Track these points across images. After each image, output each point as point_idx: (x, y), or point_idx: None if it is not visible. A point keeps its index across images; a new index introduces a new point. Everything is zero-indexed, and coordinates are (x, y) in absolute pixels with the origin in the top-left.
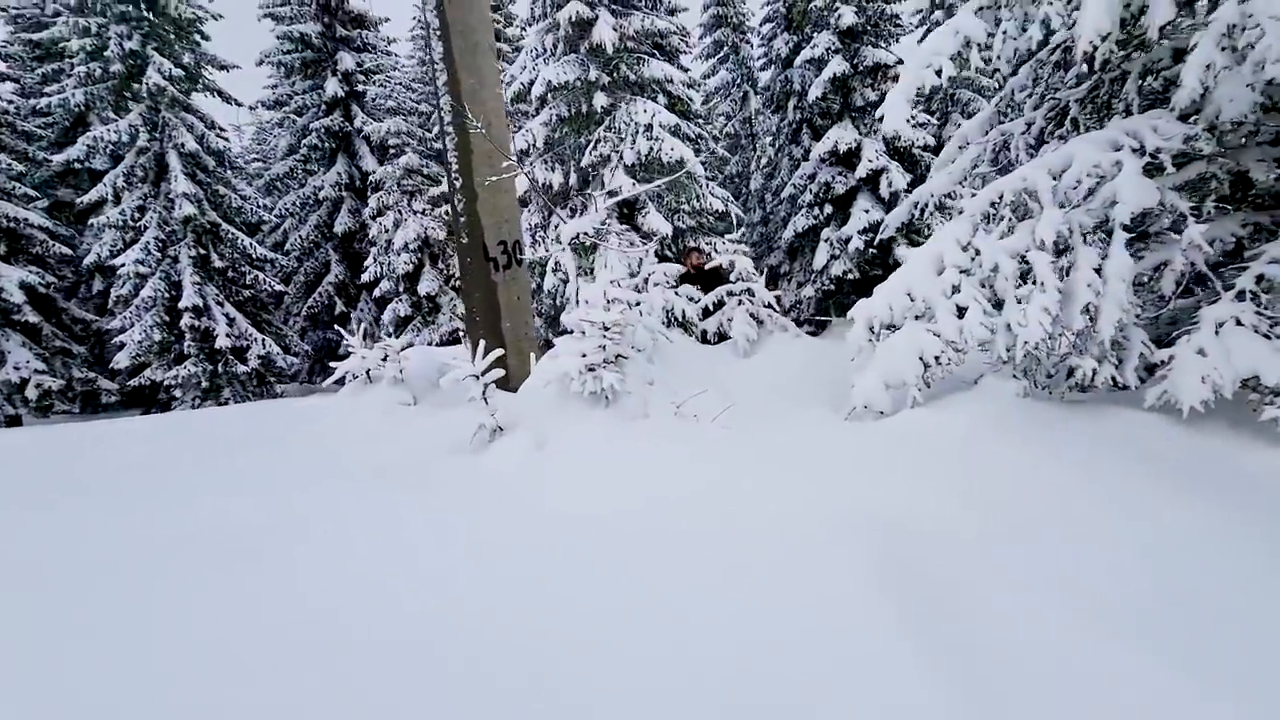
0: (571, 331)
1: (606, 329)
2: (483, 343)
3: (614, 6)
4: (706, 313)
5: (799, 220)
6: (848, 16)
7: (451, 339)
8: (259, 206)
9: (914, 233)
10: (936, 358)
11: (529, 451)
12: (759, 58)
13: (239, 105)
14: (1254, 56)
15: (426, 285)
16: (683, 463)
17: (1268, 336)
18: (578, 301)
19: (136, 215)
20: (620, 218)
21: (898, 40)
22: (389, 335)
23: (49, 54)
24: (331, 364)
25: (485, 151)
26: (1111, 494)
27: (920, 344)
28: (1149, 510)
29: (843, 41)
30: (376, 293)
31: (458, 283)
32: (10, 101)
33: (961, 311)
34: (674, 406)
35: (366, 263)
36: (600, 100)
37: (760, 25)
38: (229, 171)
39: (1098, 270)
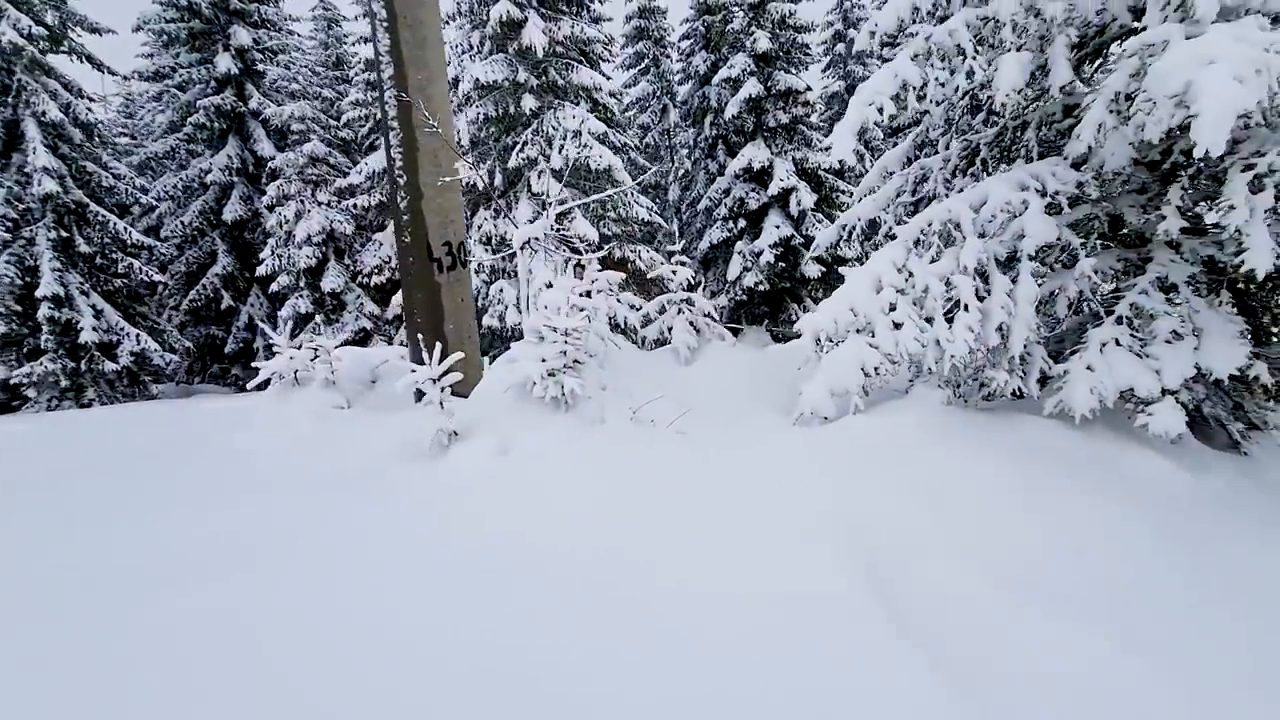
0: (526, 336)
1: (567, 334)
2: (438, 346)
3: (543, 10)
4: (646, 321)
5: (714, 232)
6: (763, 42)
7: (358, 339)
8: (135, 187)
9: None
10: (876, 368)
11: (492, 457)
12: (678, 72)
13: (112, 74)
14: (1135, 120)
15: (331, 281)
16: (648, 467)
17: (1140, 355)
18: (523, 308)
19: None
20: None
21: (806, 68)
22: (291, 335)
23: None
24: (216, 365)
25: (431, 150)
26: (1029, 489)
27: (862, 356)
28: (1058, 502)
29: (758, 65)
30: (273, 287)
31: (364, 279)
32: None
33: (897, 326)
34: (629, 411)
35: (262, 255)
36: (529, 103)
37: (680, 41)
38: (100, 147)
39: (1010, 294)
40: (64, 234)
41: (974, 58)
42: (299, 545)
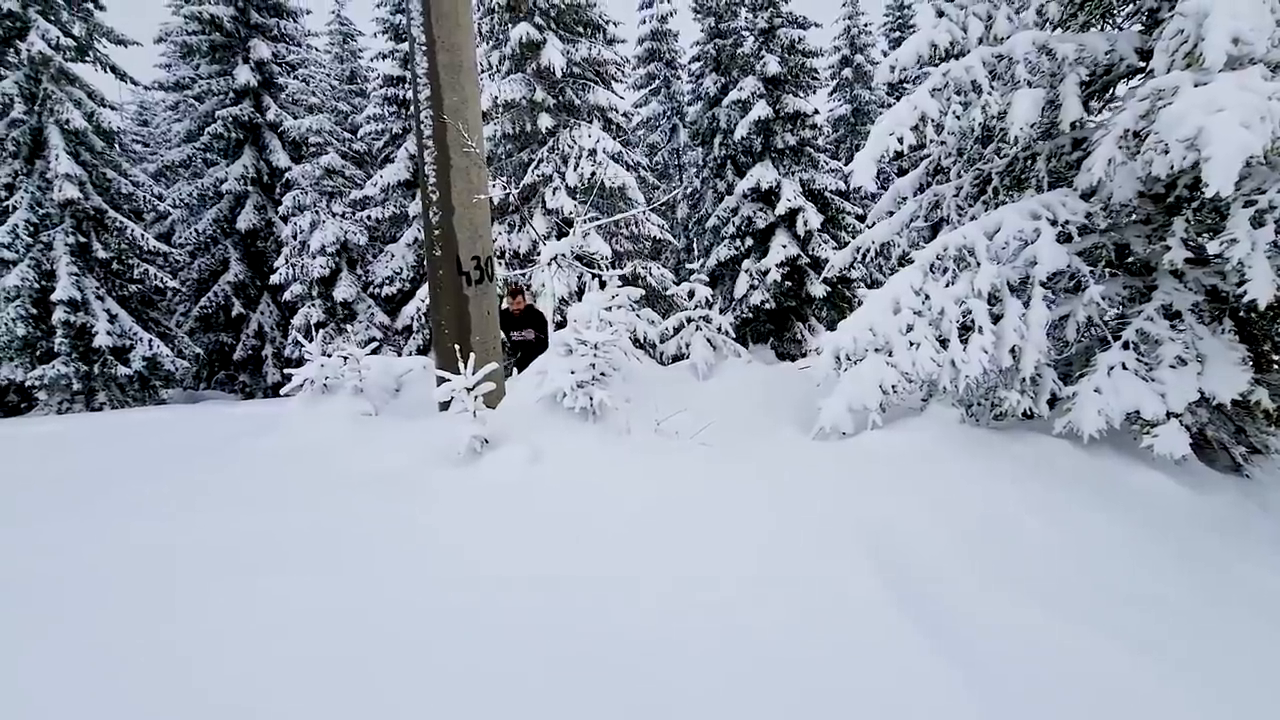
0: (554, 348)
1: (596, 347)
2: (472, 357)
3: (562, 32)
4: (665, 337)
5: (721, 250)
6: (772, 65)
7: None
8: (152, 194)
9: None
10: (894, 386)
11: (526, 464)
12: (688, 93)
13: (134, 84)
14: (1144, 157)
15: (343, 291)
16: (676, 477)
17: (1146, 379)
18: (549, 321)
19: (3, 194)
20: (560, 237)
21: (814, 91)
22: (300, 343)
23: None
24: (222, 371)
25: (463, 168)
26: (1041, 504)
27: (881, 374)
28: (1071, 516)
29: (767, 87)
30: (286, 296)
31: (374, 289)
32: None
33: (914, 346)
34: (654, 423)
35: (276, 263)
36: (545, 121)
37: (690, 63)
38: (120, 154)
39: (1022, 318)
40: (82, 239)
41: (989, 93)
42: (348, 543)
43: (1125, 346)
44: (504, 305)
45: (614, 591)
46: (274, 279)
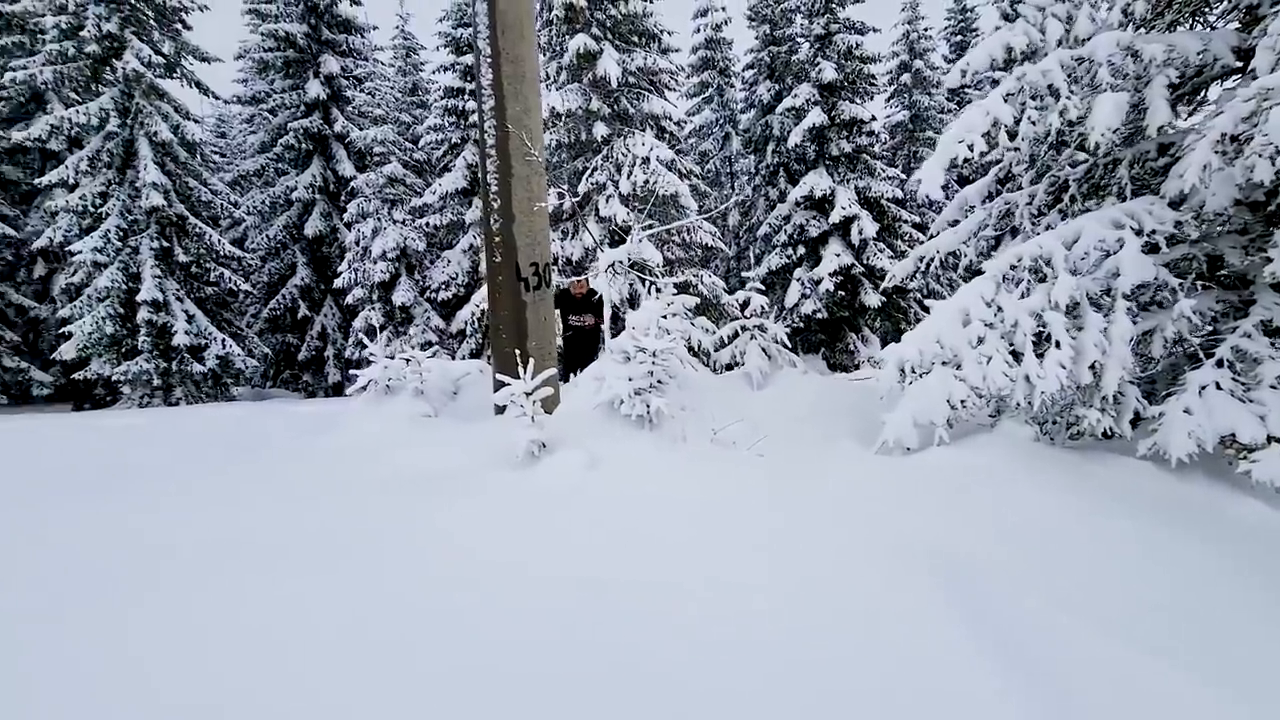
0: (612, 354)
1: (655, 355)
2: (531, 362)
3: (618, 42)
4: (719, 345)
5: (772, 258)
6: (828, 72)
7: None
8: (229, 202)
9: (871, 276)
10: (962, 401)
11: (583, 469)
12: (741, 101)
13: (215, 98)
14: (1245, 162)
15: (401, 295)
16: (734, 487)
17: (1242, 400)
18: (606, 327)
19: (98, 201)
20: (613, 245)
21: (871, 98)
22: (361, 344)
23: (10, 26)
24: (287, 370)
25: (525, 176)
26: (1121, 533)
27: (949, 388)
28: (1156, 548)
29: (822, 94)
30: (348, 300)
31: (431, 294)
32: None
33: (986, 360)
34: (710, 432)
35: (340, 268)
36: (600, 130)
37: (744, 70)
38: (202, 164)
39: (1104, 333)
40: (165, 244)
41: (1068, 97)
42: (406, 542)
43: (1219, 364)
44: (564, 284)
45: (662, 598)
46: (337, 283)
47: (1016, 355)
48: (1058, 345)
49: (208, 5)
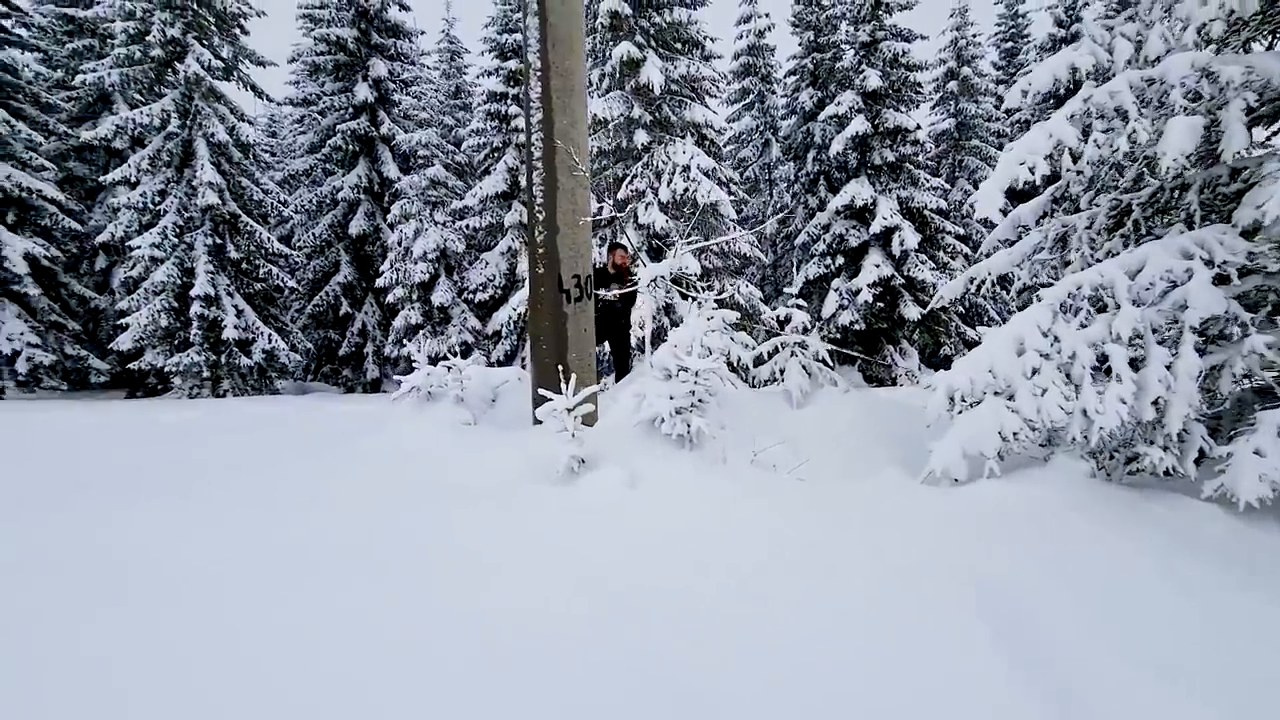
0: (654, 371)
1: (697, 374)
2: (574, 377)
3: (661, 50)
4: (758, 361)
5: (810, 268)
6: (873, 79)
7: (459, 352)
8: (279, 201)
9: (913, 288)
10: (1015, 434)
11: (622, 488)
12: (782, 108)
13: (269, 100)
14: None
15: (440, 296)
16: (774, 513)
17: None
18: (646, 343)
19: (157, 199)
20: (650, 254)
21: (917, 106)
22: (400, 342)
23: (81, 30)
24: (328, 365)
25: (570, 189)
26: (1183, 580)
27: (1001, 419)
28: (1221, 599)
29: (866, 102)
30: (389, 299)
31: (469, 295)
32: (38, 73)
33: (1041, 392)
34: (750, 453)
35: (382, 267)
36: (641, 137)
37: (786, 77)
38: (254, 164)
39: (1169, 367)
40: (218, 241)
41: (1137, 120)
42: (466, 550)
43: None
44: (598, 262)
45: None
46: (379, 281)
47: (1076, 388)
48: (1119, 379)
49: (265, 11)
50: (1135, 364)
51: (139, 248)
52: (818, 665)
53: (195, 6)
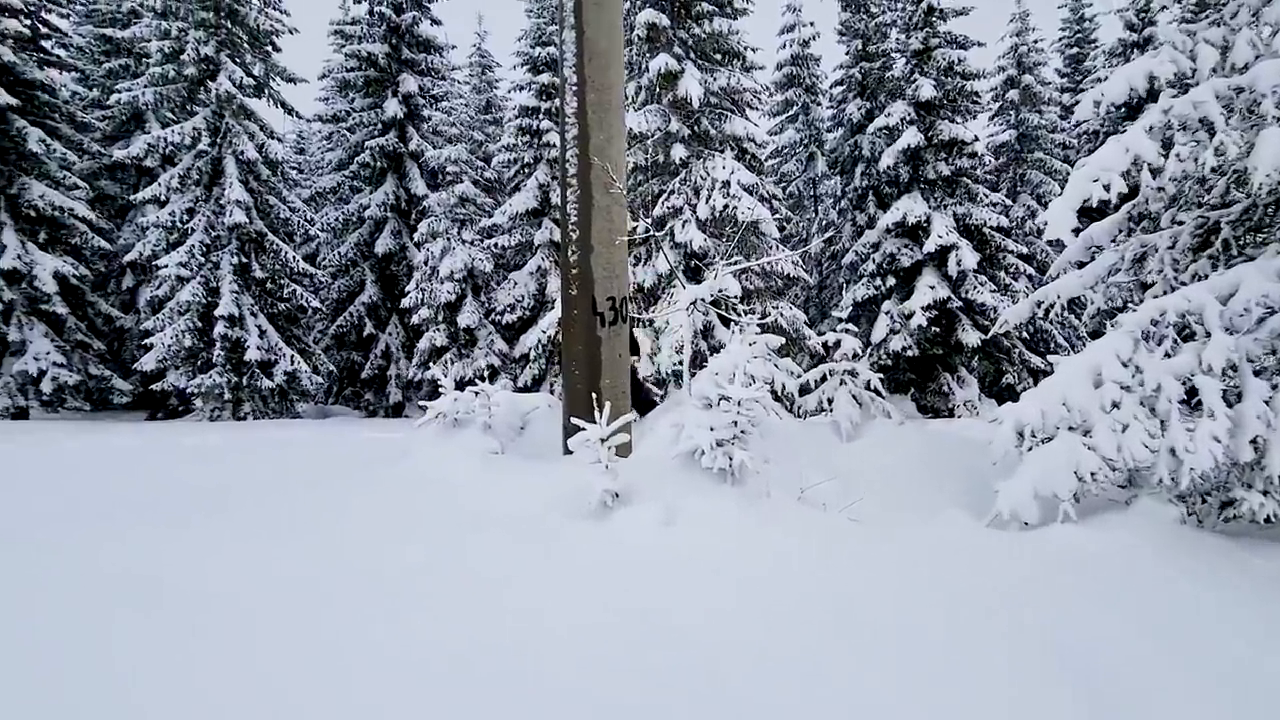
0: (694, 400)
1: (740, 404)
2: (607, 406)
3: (700, 62)
4: (804, 389)
5: (859, 289)
6: (926, 89)
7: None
8: (305, 220)
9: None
10: (1093, 474)
11: (658, 526)
12: (828, 120)
13: (299, 118)
14: None
15: (467, 317)
16: (828, 561)
17: None
18: (685, 371)
19: (185, 217)
20: (688, 274)
21: (974, 116)
22: (424, 365)
23: (118, 50)
24: (349, 388)
25: (605, 207)
26: None
27: (1077, 457)
28: None
29: (918, 113)
30: (414, 320)
31: (497, 316)
32: (74, 93)
33: (1122, 429)
34: (796, 489)
35: (408, 287)
36: (679, 152)
37: (832, 88)
38: (282, 182)
39: (1267, 402)
40: (244, 260)
41: (1224, 132)
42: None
43: None
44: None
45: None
46: (404, 302)
47: (1162, 424)
48: (1210, 415)
49: (297, 29)
50: (1229, 398)
51: (165, 266)
52: None
53: (229, 24)
